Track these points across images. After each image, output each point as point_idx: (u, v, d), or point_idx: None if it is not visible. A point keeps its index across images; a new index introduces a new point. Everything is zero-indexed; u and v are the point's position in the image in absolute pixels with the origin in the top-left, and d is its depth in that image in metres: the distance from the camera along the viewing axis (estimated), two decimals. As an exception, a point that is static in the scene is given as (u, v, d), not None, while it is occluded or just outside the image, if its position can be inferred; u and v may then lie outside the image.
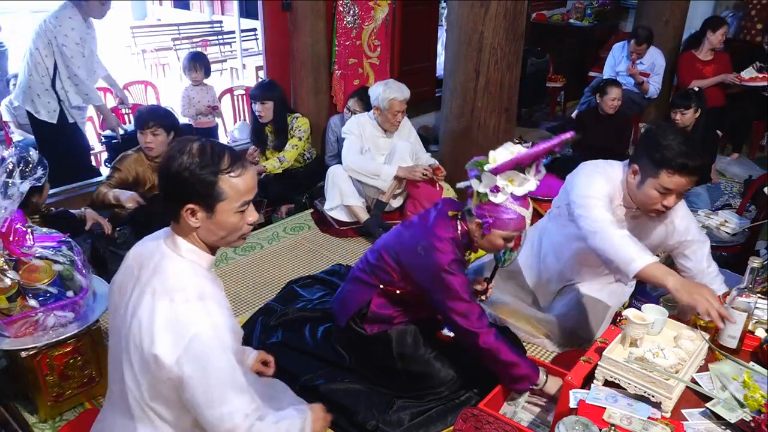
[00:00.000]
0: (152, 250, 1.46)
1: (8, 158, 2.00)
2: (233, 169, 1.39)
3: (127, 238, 3.11)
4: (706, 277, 2.31)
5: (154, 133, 3.15)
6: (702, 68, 5.02)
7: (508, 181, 1.94)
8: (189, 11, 11.53)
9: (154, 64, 8.75)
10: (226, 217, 1.41)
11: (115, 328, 1.47)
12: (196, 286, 1.38)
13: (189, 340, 1.32)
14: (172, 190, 1.39)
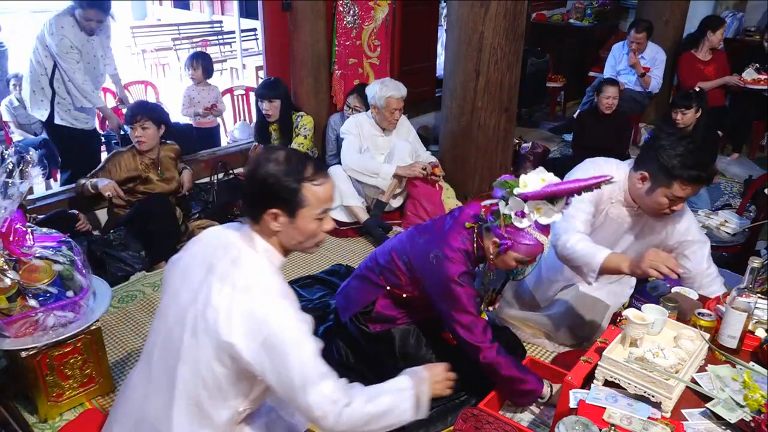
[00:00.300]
0: (227, 243, 1.51)
1: (8, 158, 1.99)
2: (316, 178, 1.47)
3: (122, 239, 3.12)
4: (706, 279, 2.31)
5: (143, 127, 3.18)
6: (703, 68, 5.02)
7: (536, 209, 1.92)
8: (189, 11, 11.52)
9: (154, 64, 8.75)
10: (306, 223, 1.48)
11: (174, 310, 1.51)
12: (274, 284, 1.45)
13: (268, 334, 1.37)
14: (257, 195, 1.48)
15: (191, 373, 1.45)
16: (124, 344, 2.65)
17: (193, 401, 1.47)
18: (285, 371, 1.37)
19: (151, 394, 1.53)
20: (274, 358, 1.37)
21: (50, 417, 2.20)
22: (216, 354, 1.42)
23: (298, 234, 1.49)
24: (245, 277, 1.43)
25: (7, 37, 5.96)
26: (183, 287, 1.51)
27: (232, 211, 3.80)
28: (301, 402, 1.39)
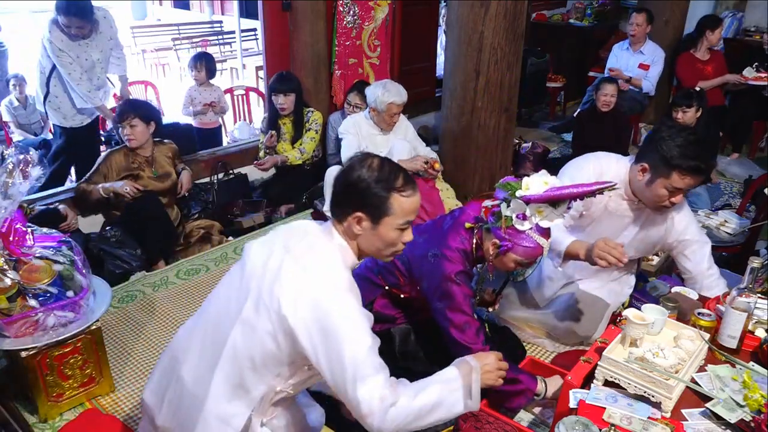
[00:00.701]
0: (307, 229, 1.57)
1: (8, 158, 2.00)
2: (405, 189, 1.53)
3: (119, 237, 3.12)
4: (707, 280, 2.31)
5: (131, 125, 3.20)
6: (703, 68, 5.02)
7: (537, 212, 1.92)
8: (189, 11, 11.52)
9: (154, 64, 8.75)
10: (388, 231, 1.53)
11: (240, 276, 1.55)
12: (343, 277, 1.49)
13: (328, 323, 1.40)
14: (346, 196, 1.53)
15: (243, 342, 1.48)
16: (124, 344, 2.65)
17: (236, 370, 1.50)
18: (338, 363, 1.39)
19: (194, 353, 1.58)
20: (329, 348, 1.40)
21: (50, 417, 2.20)
22: (272, 330, 1.45)
23: (377, 240, 1.54)
24: (317, 263, 1.48)
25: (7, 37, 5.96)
26: (256, 259, 1.54)
27: (232, 211, 3.80)
28: (350, 395, 1.40)
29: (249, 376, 1.50)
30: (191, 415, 1.54)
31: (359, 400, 1.39)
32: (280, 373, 1.51)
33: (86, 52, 3.55)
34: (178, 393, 1.58)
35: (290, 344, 1.44)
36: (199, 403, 1.52)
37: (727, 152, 5.07)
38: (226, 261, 3.38)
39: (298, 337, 1.42)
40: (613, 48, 5.37)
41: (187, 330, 1.67)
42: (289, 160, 4.00)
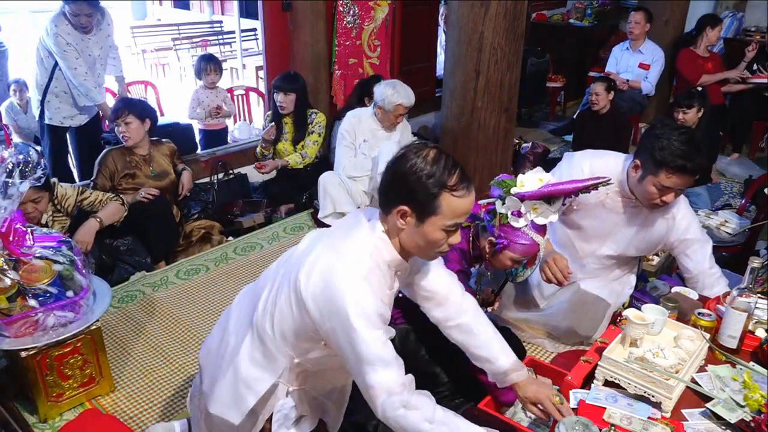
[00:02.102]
0: (359, 217, 1.53)
1: (8, 158, 2.00)
2: (458, 189, 1.40)
3: (130, 245, 3.13)
4: (709, 279, 2.30)
5: (126, 122, 3.19)
6: (704, 64, 5.03)
7: (532, 209, 1.92)
8: (189, 11, 11.50)
9: (154, 64, 8.75)
10: (433, 231, 1.42)
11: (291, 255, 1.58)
12: (366, 266, 1.42)
13: (337, 305, 1.37)
14: (394, 187, 1.44)
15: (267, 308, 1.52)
16: (124, 344, 2.65)
17: (260, 335, 1.53)
18: (347, 344, 1.39)
19: (238, 314, 1.64)
20: (338, 328, 1.39)
21: (50, 417, 2.20)
22: (289, 300, 1.47)
23: (420, 239, 1.45)
24: (345, 247, 1.44)
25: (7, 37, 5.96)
26: (308, 236, 1.58)
27: (232, 211, 3.80)
28: (360, 378, 1.42)
29: (269, 343, 1.52)
30: (224, 373, 1.58)
31: (367, 385, 1.40)
32: (296, 345, 1.52)
33: (89, 47, 3.57)
34: (221, 352, 1.63)
35: (302, 316, 1.45)
36: (232, 364, 1.56)
37: (727, 152, 5.07)
38: (226, 261, 3.38)
39: (309, 310, 1.42)
40: (613, 50, 5.37)
41: (243, 293, 1.72)
42: (289, 164, 3.96)
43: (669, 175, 2.08)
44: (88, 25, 3.51)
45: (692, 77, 4.94)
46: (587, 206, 2.37)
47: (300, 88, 3.95)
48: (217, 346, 1.66)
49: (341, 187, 3.72)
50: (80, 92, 3.58)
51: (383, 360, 1.39)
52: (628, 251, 2.45)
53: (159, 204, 3.24)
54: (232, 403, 1.56)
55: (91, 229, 2.86)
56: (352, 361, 1.41)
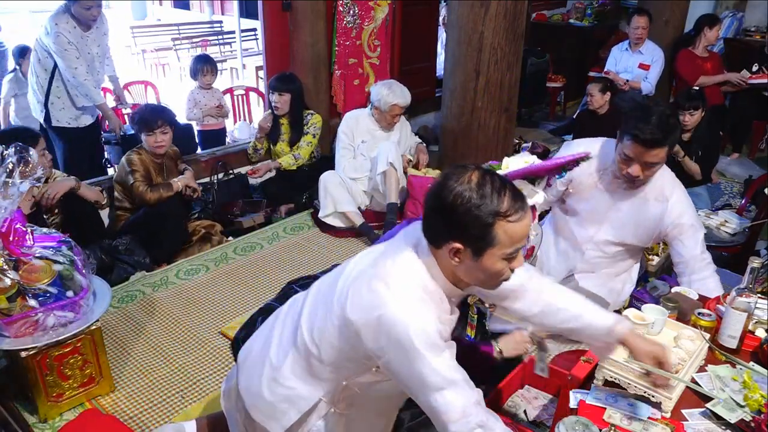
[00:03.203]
0: (401, 242, 1.41)
1: (8, 158, 2.00)
2: (512, 213, 1.26)
3: (128, 245, 3.13)
4: (699, 263, 2.32)
5: (164, 132, 3.24)
6: (702, 64, 5.03)
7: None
8: (189, 11, 11.51)
9: (154, 64, 8.75)
10: (493, 262, 1.29)
11: (339, 275, 1.48)
12: (418, 287, 1.33)
13: (399, 338, 1.28)
14: (441, 223, 1.29)
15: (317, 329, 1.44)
16: (124, 344, 2.65)
17: (307, 354, 1.46)
18: (412, 375, 1.30)
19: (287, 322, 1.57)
20: (399, 356, 1.30)
21: (50, 417, 2.20)
22: (340, 327, 1.38)
23: (480, 273, 1.32)
24: (393, 273, 1.34)
25: (7, 37, 5.96)
26: (355, 258, 1.50)
27: (232, 211, 3.80)
28: (427, 405, 1.33)
29: (315, 363, 1.46)
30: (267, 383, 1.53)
31: (438, 410, 1.31)
32: (345, 369, 1.45)
33: (87, 45, 3.56)
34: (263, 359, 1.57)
35: (354, 346, 1.37)
36: (274, 376, 1.51)
37: (727, 152, 5.07)
38: (226, 261, 3.38)
39: (365, 343, 1.33)
40: (612, 50, 5.36)
41: (291, 302, 1.65)
42: (282, 166, 3.96)
43: (627, 143, 2.14)
44: (97, 19, 3.51)
45: (690, 78, 4.94)
46: (582, 189, 2.41)
47: (295, 89, 3.94)
48: (259, 350, 1.61)
49: (342, 186, 3.72)
50: (79, 93, 3.57)
51: (453, 381, 1.30)
52: (626, 237, 2.44)
53: (174, 206, 3.27)
54: (273, 415, 1.52)
55: (65, 185, 2.90)
56: (416, 388, 1.32)
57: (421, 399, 1.34)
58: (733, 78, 4.96)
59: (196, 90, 4.45)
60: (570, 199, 2.48)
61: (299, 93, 3.99)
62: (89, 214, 3.11)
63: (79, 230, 2.91)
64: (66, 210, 2.98)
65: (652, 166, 2.18)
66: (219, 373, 2.49)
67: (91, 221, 3.13)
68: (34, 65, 3.57)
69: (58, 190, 2.88)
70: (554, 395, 2.21)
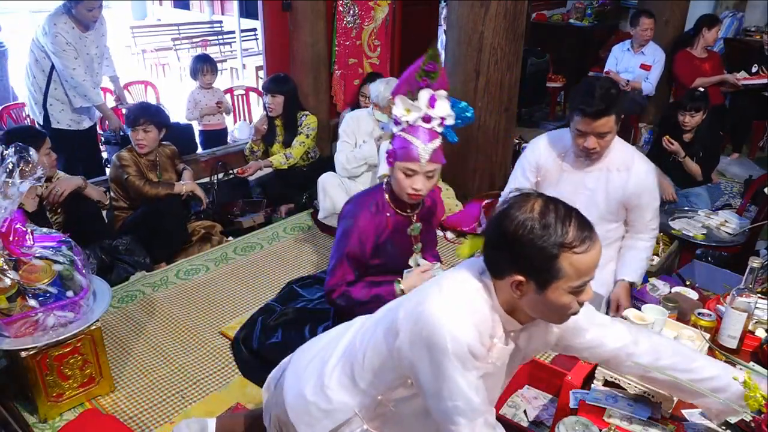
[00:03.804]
0: (467, 271, 1.35)
1: (8, 158, 2.00)
2: (579, 244, 1.19)
3: (128, 245, 3.13)
4: (642, 227, 2.45)
5: (145, 130, 3.21)
6: (700, 65, 5.02)
7: (405, 110, 2.07)
8: (189, 11, 11.52)
9: (154, 64, 8.75)
10: (558, 296, 1.22)
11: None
12: (467, 302, 1.29)
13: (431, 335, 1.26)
14: (502, 254, 1.24)
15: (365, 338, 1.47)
16: (124, 344, 2.65)
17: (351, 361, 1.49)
18: (436, 382, 1.28)
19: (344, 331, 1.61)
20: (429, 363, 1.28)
21: (50, 417, 2.20)
22: (385, 334, 1.39)
23: (544, 306, 1.25)
24: (447, 283, 1.32)
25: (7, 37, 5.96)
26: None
27: (232, 211, 3.80)
28: (445, 423, 1.31)
29: (357, 371, 1.46)
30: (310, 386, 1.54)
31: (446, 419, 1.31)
32: (382, 378, 1.43)
33: (86, 46, 3.54)
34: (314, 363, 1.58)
35: (390, 347, 1.37)
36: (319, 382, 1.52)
37: (727, 152, 5.07)
38: (226, 261, 3.38)
39: (400, 339, 1.33)
40: (613, 49, 5.36)
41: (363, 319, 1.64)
42: (273, 165, 3.94)
43: (577, 118, 2.30)
44: (93, 19, 3.49)
45: (687, 80, 4.94)
46: (550, 175, 2.55)
47: (288, 91, 3.92)
48: (317, 354, 1.61)
49: (340, 188, 3.71)
50: (77, 93, 3.56)
51: (473, 405, 1.27)
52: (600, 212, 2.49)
53: (172, 205, 3.27)
54: (308, 421, 1.52)
55: (73, 183, 2.95)
56: (432, 392, 1.30)
57: (441, 418, 1.32)
58: (729, 79, 4.96)
59: (196, 90, 4.45)
60: (542, 188, 2.59)
61: (293, 95, 3.97)
62: (93, 213, 3.12)
63: (82, 230, 2.94)
64: (69, 209, 2.99)
65: (605, 136, 2.31)
66: (219, 373, 2.49)
67: (94, 221, 3.14)
68: (31, 66, 3.54)
69: (66, 187, 2.91)
70: (554, 395, 2.21)
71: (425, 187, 2.10)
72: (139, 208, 3.27)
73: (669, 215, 3.30)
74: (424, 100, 2.05)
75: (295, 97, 4.00)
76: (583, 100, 2.25)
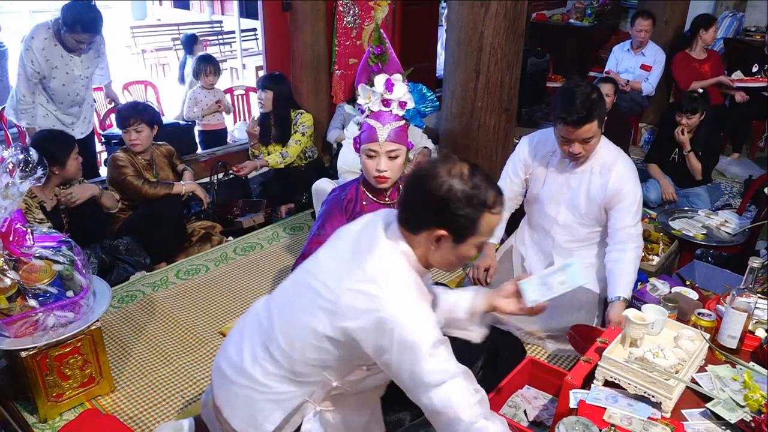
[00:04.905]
0: (375, 227, 1.43)
1: (8, 158, 2.00)
2: (496, 206, 1.36)
3: (128, 245, 3.13)
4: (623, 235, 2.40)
5: (137, 130, 3.20)
6: (699, 67, 5.01)
7: (367, 98, 2.16)
8: (189, 11, 11.52)
9: (154, 64, 8.75)
10: (468, 249, 1.39)
11: (314, 267, 1.49)
12: (410, 284, 1.36)
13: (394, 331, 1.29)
14: (428, 211, 1.35)
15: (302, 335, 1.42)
16: (124, 344, 2.65)
17: (290, 358, 1.45)
18: (410, 372, 1.32)
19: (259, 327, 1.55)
20: (399, 358, 1.31)
21: (50, 417, 2.20)
22: (333, 334, 1.37)
23: (453, 257, 1.40)
24: (377, 268, 1.36)
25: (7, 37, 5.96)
26: (329, 250, 1.51)
27: (232, 211, 3.80)
28: (425, 402, 1.35)
29: (300, 367, 1.45)
30: (246, 388, 1.51)
31: (435, 405, 1.33)
32: (337, 370, 1.45)
33: (69, 66, 3.34)
34: (239, 365, 1.55)
35: (353, 348, 1.37)
36: (255, 380, 1.50)
37: (727, 152, 5.06)
38: (226, 261, 3.38)
39: (363, 345, 1.34)
40: (613, 50, 5.36)
41: (264, 304, 1.62)
42: (270, 164, 3.93)
43: (560, 127, 2.33)
44: (79, 49, 3.30)
45: (684, 83, 4.93)
46: (538, 175, 2.60)
47: (278, 89, 3.90)
48: (234, 364, 1.57)
49: None
50: (9, 104, 3.36)
51: (450, 373, 1.33)
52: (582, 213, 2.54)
53: (170, 205, 3.27)
54: (256, 420, 1.50)
55: (88, 190, 3.01)
56: (415, 386, 1.34)
57: (421, 397, 1.35)
58: (724, 81, 4.94)
59: (197, 89, 4.45)
60: (530, 188, 2.67)
61: (283, 92, 3.94)
62: (97, 214, 3.14)
63: (86, 231, 3.00)
64: (76, 210, 3.01)
65: (589, 141, 2.34)
66: (219, 373, 2.49)
67: (98, 222, 3.15)
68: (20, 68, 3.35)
69: (82, 196, 2.97)
70: (554, 395, 2.21)
71: (390, 168, 2.17)
72: (138, 208, 3.27)
73: (669, 215, 3.30)
74: (380, 85, 2.12)
75: (285, 94, 3.97)
76: (564, 109, 2.27)
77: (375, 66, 2.20)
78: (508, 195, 2.72)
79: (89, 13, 3.19)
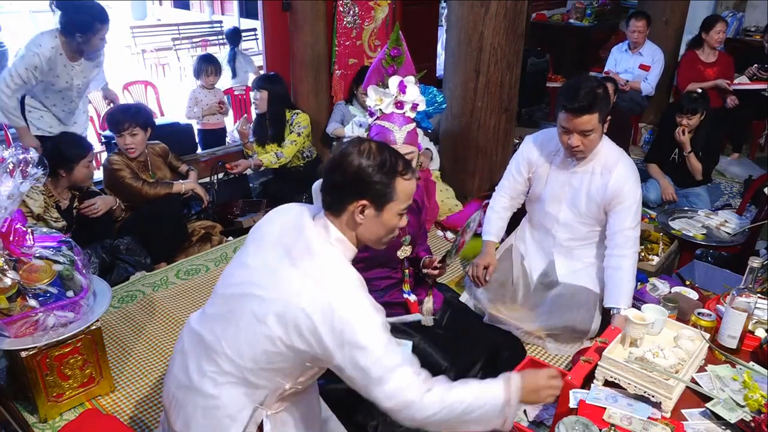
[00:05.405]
0: (301, 225, 1.49)
1: (8, 158, 2.00)
2: (406, 173, 1.50)
3: (129, 245, 3.13)
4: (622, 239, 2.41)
5: (132, 134, 3.16)
6: (704, 69, 4.97)
7: (378, 99, 2.13)
8: (189, 11, 11.53)
9: (154, 64, 8.75)
10: (390, 217, 1.50)
11: (245, 275, 1.51)
12: (350, 277, 1.43)
13: (344, 329, 1.34)
14: (346, 186, 1.47)
15: (249, 343, 1.43)
16: (124, 344, 2.65)
17: (240, 367, 1.46)
18: (358, 367, 1.36)
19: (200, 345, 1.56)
20: (347, 354, 1.36)
21: (50, 417, 2.20)
22: (282, 338, 1.39)
23: (380, 228, 1.51)
24: (324, 270, 1.41)
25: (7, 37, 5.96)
26: (257, 257, 1.51)
27: (232, 211, 3.80)
28: (376, 395, 1.38)
29: (251, 375, 1.46)
30: (200, 407, 1.52)
31: (387, 397, 1.37)
32: (289, 373, 1.47)
33: (68, 74, 3.24)
34: (186, 385, 1.56)
35: (303, 352, 1.39)
36: (207, 396, 1.50)
37: (727, 152, 5.06)
38: (226, 261, 3.38)
39: (314, 349, 1.37)
40: (612, 50, 5.35)
41: (199, 319, 1.66)
42: (264, 164, 3.91)
43: (561, 115, 2.35)
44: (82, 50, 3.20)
45: (683, 83, 4.93)
46: (541, 174, 2.62)
47: (273, 89, 3.89)
48: (184, 378, 1.58)
49: None
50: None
51: (396, 363, 1.37)
52: (582, 212, 2.56)
53: (169, 205, 3.27)
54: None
55: (109, 203, 3.11)
56: (362, 383, 1.38)
57: (375, 393, 1.38)
58: (720, 84, 4.91)
59: (198, 89, 4.46)
60: (533, 186, 2.69)
61: (278, 93, 3.92)
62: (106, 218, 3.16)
63: (92, 231, 3.04)
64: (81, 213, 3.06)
65: (588, 134, 2.35)
66: (219, 373, 2.49)
67: (105, 223, 3.18)
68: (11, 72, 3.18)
69: (104, 208, 3.08)
70: (554, 395, 2.21)
71: None
72: (137, 209, 3.26)
73: (669, 215, 3.30)
74: (394, 87, 2.11)
75: (281, 94, 3.95)
76: (567, 97, 2.31)
77: (390, 68, 2.18)
78: (511, 193, 2.76)
79: (93, 6, 3.16)
